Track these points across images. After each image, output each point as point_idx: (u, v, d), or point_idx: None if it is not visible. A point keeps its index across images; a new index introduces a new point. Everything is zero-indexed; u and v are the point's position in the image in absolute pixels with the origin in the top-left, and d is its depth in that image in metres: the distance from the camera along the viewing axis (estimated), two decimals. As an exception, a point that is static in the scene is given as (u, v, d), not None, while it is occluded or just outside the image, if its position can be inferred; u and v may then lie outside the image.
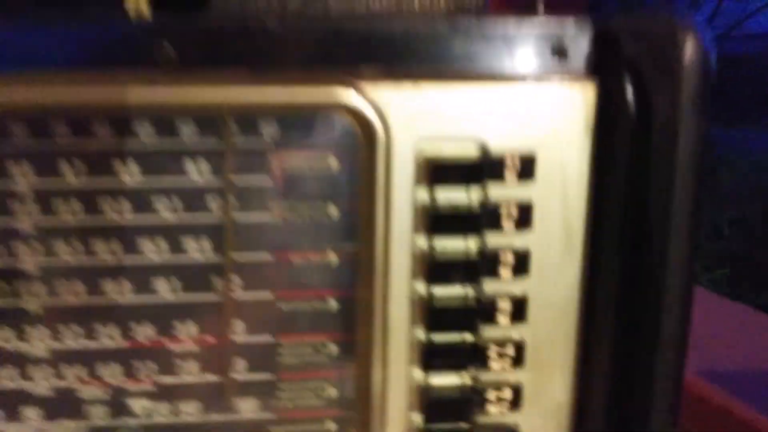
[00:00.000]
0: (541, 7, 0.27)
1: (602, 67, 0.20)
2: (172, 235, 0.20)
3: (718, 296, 0.55)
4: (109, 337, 0.20)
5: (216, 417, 0.21)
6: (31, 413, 0.20)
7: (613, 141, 0.19)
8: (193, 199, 0.20)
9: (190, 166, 0.20)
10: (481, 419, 0.21)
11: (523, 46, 0.20)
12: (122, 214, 0.19)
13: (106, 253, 0.20)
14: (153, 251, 0.20)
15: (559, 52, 0.20)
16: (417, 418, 0.21)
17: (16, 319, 0.20)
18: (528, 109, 0.20)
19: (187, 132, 0.19)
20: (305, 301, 0.20)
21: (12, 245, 0.19)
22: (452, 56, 0.20)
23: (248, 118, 0.19)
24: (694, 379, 0.38)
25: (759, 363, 0.43)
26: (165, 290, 0.20)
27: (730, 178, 4.67)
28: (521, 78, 0.20)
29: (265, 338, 0.21)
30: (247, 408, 0.21)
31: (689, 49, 0.18)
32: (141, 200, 0.19)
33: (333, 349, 0.21)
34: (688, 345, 0.20)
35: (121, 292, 0.20)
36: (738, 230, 3.92)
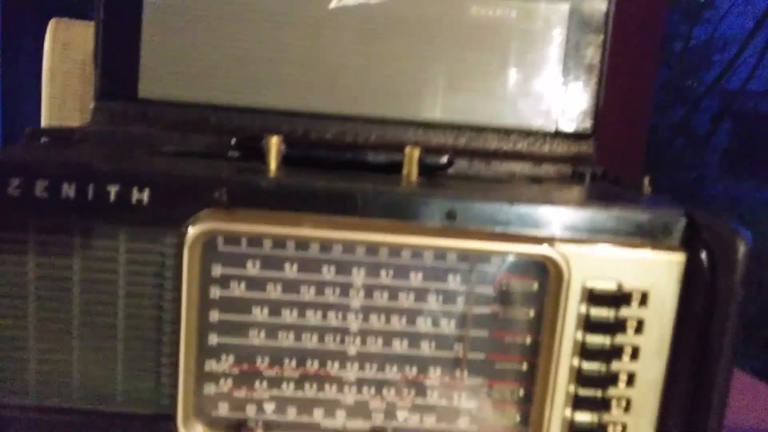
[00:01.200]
0: (648, 188, 0.42)
1: (689, 244, 0.35)
2: (436, 316, 0.35)
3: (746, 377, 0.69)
4: (393, 372, 0.35)
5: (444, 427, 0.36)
6: (339, 414, 0.36)
7: (692, 291, 0.34)
8: (451, 297, 0.35)
9: (452, 276, 0.35)
10: (602, 441, 0.36)
11: (645, 226, 0.35)
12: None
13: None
14: (426, 326, 0.35)
15: (667, 232, 0.35)
16: (564, 437, 0.36)
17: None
18: (647, 264, 0.35)
19: (452, 259, 0.35)
20: (507, 363, 0.36)
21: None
22: (606, 230, 0.35)
23: (485, 257, 0.35)
24: None
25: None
26: (427, 349, 0.35)
27: (753, 239, 4.77)
28: (644, 245, 0.35)
29: (480, 382, 0.36)
30: (462, 409, 0.36)
31: (741, 248, 0.33)
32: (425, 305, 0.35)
33: (521, 393, 0.36)
34: (726, 408, 0.34)
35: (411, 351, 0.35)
36: (757, 293, 4.00)
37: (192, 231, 0.33)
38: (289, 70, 0.47)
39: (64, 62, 1.33)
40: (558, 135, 0.48)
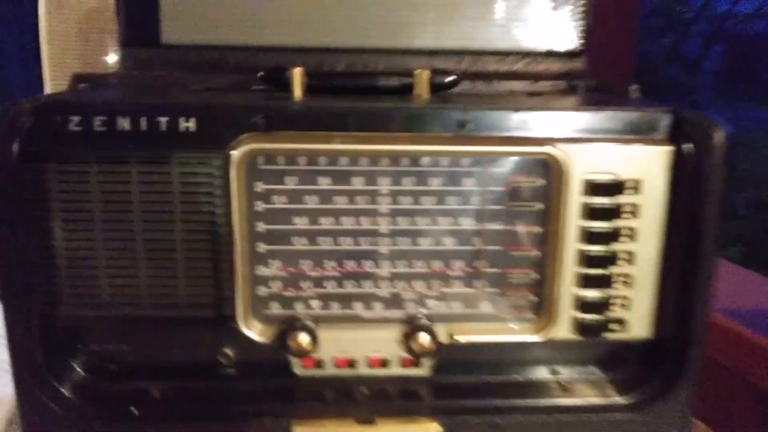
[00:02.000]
0: (635, 94, 0.46)
1: (675, 137, 0.39)
2: (455, 215, 0.40)
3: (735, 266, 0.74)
4: (421, 267, 0.40)
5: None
6: (377, 305, 0.41)
7: (680, 177, 0.39)
8: (467, 197, 0.40)
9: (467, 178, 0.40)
10: (607, 315, 0.41)
11: (635, 123, 0.39)
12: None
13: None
14: (447, 224, 0.40)
15: (654, 128, 0.40)
16: (575, 313, 0.41)
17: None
18: (640, 157, 0.39)
19: (466, 163, 0.39)
20: (523, 252, 0.41)
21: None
22: (601, 129, 0.39)
23: (495, 159, 0.39)
24: (719, 316, 0.58)
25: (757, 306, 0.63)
26: (450, 244, 0.40)
27: (749, 159, 4.80)
28: (635, 140, 0.39)
29: (498, 270, 0.41)
30: (483, 294, 0.41)
31: (719, 136, 0.38)
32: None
33: (534, 276, 0.41)
34: (714, 281, 0.39)
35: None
36: (754, 210, 4.07)
37: (235, 153, 0.38)
38: (299, 8, 0.50)
39: (61, 23, 1.35)
40: (551, 54, 0.52)
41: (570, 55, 0.52)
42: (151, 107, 0.37)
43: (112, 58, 1.35)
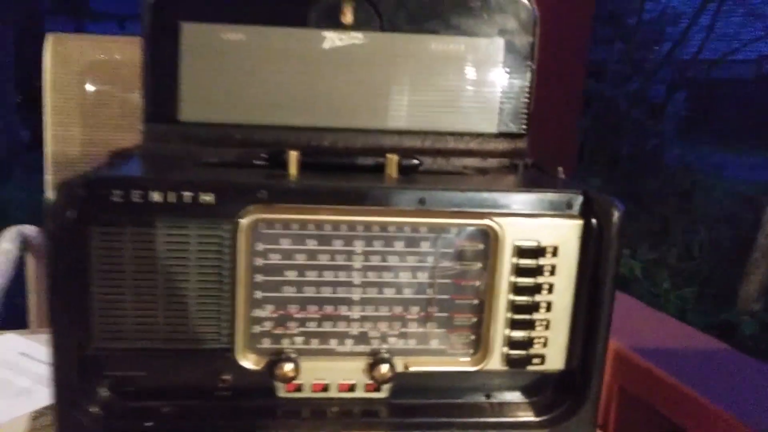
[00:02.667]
0: (561, 174, 0.58)
1: (585, 214, 0.51)
2: (413, 271, 0.51)
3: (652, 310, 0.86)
4: (385, 311, 0.51)
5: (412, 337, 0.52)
6: (348, 341, 0.51)
7: (587, 244, 0.51)
8: (424, 257, 0.51)
9: (424, 243, 0.51)
10: (530, 351, 0.52)
11: (554, 202, 0.51)
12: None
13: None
14: (407, 277, 0.51)
15: (569, 206, 0.51)
16: (505, 350, 0.52)
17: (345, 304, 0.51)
18: (557, 229, 0.51)
19: (424, 231, 0.50)
20: (465, 300, 0.51)
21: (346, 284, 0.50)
22: (530, 206, 0.51)
23: (447, 228, 0.50)
24: (629, 352, 0.70)
25: (671, 347, 0.74)
26: (408, 293, 0.51)
27: (705, 203, 5.02)
28: (554, 215, 0.51)
29: (446, 314, 0.52)
30: (433, 333, 0.52)
31: (616, 213, 0.49)
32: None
33: (474, 319, 0.52)
34: (611, 325, 0.51)
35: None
36: (708, 252, 4.25)
37: (243, 221, 0.48)
38: (294, 94, 0.61)
39: (65, 74, 1.45)
40: (499, 135, 0.64)
41: (514, 136, 0.64)
42: (178, 184, 0.48)
43: (112, 108, 1.45)
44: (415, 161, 0.56)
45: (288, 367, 0.50)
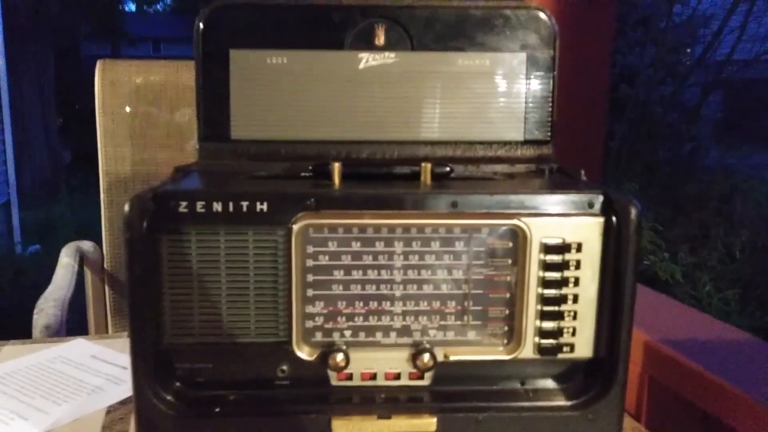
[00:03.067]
0: (583, 177, 0.62)
1: (605, 212, 0.55)
2: (450, 268, 0.56)
3: (683, 306, 0.89)
4: (424, 306, 0.56)
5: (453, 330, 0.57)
6: (392, 334, 0.56)
7: (608, 240, 0.55)
8: (458, 255, 0.56)
9: (458, 242, 0.56)
10: (560, 340, 0.56)
11: (577, 202, 0.55)
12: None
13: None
14: (444, 275, 0.56)
15: (591, 205, 0.56)
16: (536, 339, 0.56)
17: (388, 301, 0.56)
18: (581, 227, 0.55)
19: (457, 232, 0.55)
20: (498, 294, 0.56)
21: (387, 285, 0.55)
22: (555, 206, 0.55)
23: (478, 228, 0.55)
24: (657, 343, 0.73)
25: (698, 340, 0.78)
26: (445, 289, 0.56)
27: (745, 204, 4.95)
28: (577, 214, 0.55)
29: (480, 308, 0.56)
30: (470, 326, 0.57)
31: (633, 211, 0.54)
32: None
33: (507, 312, 0.56)
34: (633, 314, 0.55)
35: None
36: (750, 255, 4.20)
37: (295, 226, 0.54)
38: (334, 111, 0.67)
39: (114, 97, 1.55)
40: (526, 143, 0.69)
41: (540, 143, 0.69)
42: (236, 194, 0.54)
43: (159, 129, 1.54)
44: (447, 168, 0.61)
45: (339, 357, 0.56)
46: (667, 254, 4.27)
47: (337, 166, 0.58)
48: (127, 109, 1.48)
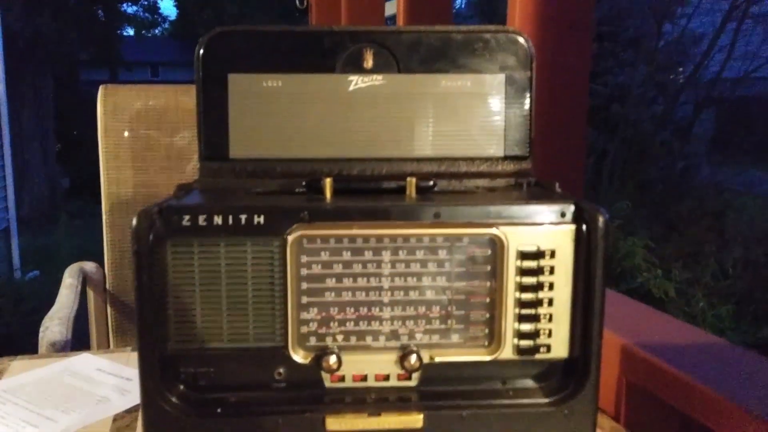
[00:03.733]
0: (558, 189, 0.67)
1: (577, 220, 0.60)
2: (434, 275, 0.60)
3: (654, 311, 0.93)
4: (411, 311, 0.60)
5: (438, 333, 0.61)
6: (381, 338, 0.60)
7: (579, 246, 0.59)
8: (441, 263, 0.60)
9: (441, 251, 0.60)
10: (537, 341, 0.60)
11: (551, 212, 0.60)
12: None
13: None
14: (429, 282, 0.60)
15: (563, 215, 0.60)
16: (515, 341, 0.60)
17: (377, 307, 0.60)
18: (554, 235, 0.60)
19: (440, 241, 0.60)
20: (479, 299, 0.60)
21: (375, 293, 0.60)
22: (531, 216, 0.60)
23: (460, 238, 0.60)
24: (635, 347, 0.77)
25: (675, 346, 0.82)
26: (430, 295, 0.60)
27: (738, 221, 5.00)
28: (551, 223, 0.60)
29: (463, 312, 0.60)
30: (453, 329, 0.61)
31: (601, 219, 0.58)
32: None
33: (487, 315, 0.61)
34: (604, 315, 0.59)
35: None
36: (743, 270, 4.24)
37: (290, 237, 0.58)
38: (326, 131, 0.72)
39: (115, 122, 1.60)
40: (506, 158, 0.73)
41: (519, 158, 0.74)
42: (235, 208, 0.58)
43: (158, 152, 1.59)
44: (431, 182, 0.65)
45: (332, 360, 0.60)
46: (661, 271, 4.31)
47: (328, 182, 0.63)
48: (126, 133, 1.53)
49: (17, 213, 6.13)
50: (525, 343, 0.61)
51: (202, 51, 0.72)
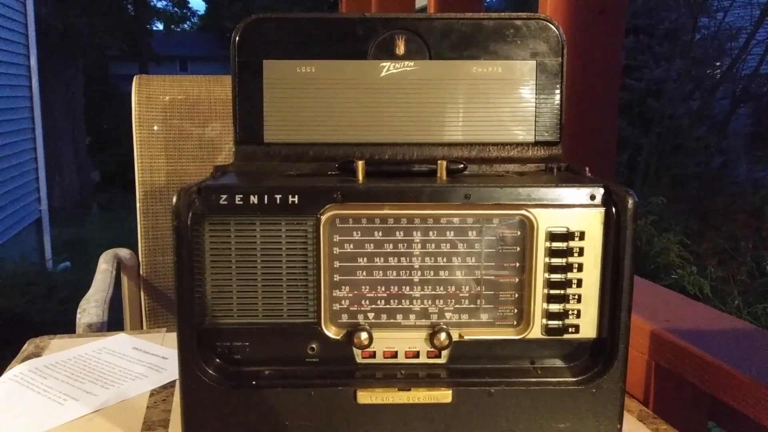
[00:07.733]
0: (588, 173, 0.67)
1: (606, 203, 0.60)
2: (463, 255, 0.61)
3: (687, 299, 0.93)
4: (441, 290, 0.61)
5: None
6: (411, 316, 0.62)
7: (608, 228, 0.60)
8: (471, 243, 0.61)
9: (471, 231, 0.61)
10: (566, 321, 0.61)
11: (580, 194, 0.61)
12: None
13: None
14: (458, 261, 0.61)
15: (593, 197, 0.61)
16: (544, 321, 0.61)
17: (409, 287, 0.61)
18: (583, 217, 0.60)
19: (470, 221, 0.61)
20: (508, 279, 0.61)
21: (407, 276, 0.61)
22: (560, 198, 0.60)
23: (489, 218, 0.61)
24: (665, 332, 0.78)
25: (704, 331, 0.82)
26: (460, 274, 0.61)
27: (775, 218, 4.89)
28: (581, 205, 0.60)
29: (492, 291, 0.62)
30: (483, 308, 0.62)
31: (630, 201, 0.59)
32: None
33: (516, 295, 0.62)
34: (632, 296, 0.60)
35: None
36: (776, 266, 4.15)
37: (323, 217, 0.60)
38: (358, 116, 0.73)
39: (149, 111, 1.63)
40: (536, 144, 0.74)
41: (550, 144, 0.74)
42: (271, 189, 0.60)
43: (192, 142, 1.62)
44: (461, 165, 0.66)
45: (363, 336, 0.61)
46: (695, 268, 4.25)
47: (361, 164, 0.64)
48: (155, 127, 1.57)
49: (49, 205, 6.27)
50: (553, 323, 0.61)
51: (238, 38, 0.74)
